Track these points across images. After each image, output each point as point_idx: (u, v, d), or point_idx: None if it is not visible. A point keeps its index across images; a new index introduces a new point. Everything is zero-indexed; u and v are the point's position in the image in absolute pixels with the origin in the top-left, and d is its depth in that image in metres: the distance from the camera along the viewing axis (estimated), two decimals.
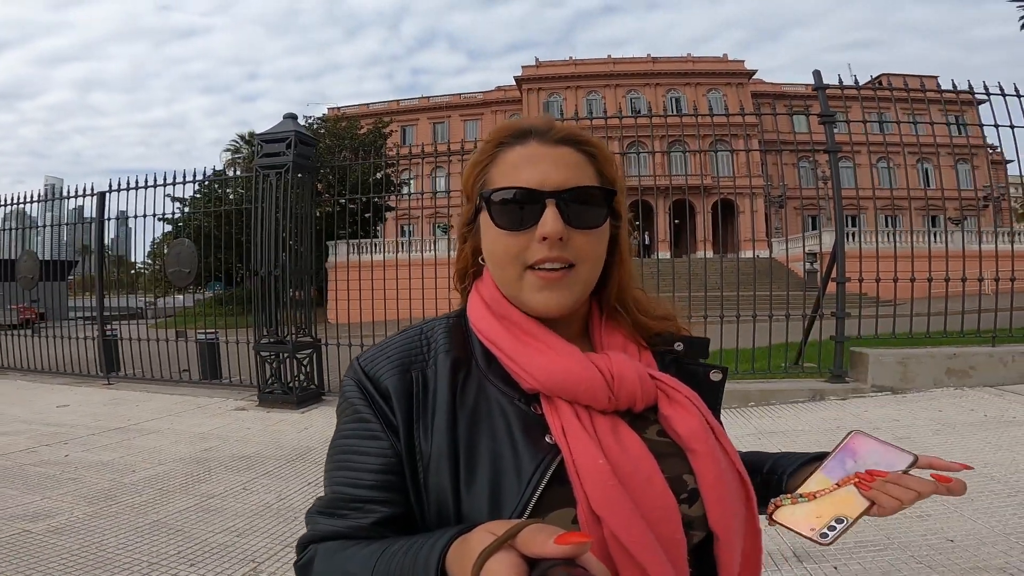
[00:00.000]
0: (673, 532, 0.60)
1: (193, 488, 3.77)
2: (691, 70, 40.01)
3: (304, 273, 6.73)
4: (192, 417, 5.86)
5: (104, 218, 8.21)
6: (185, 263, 7.61)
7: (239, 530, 3.10)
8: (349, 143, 25.22)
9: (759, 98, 39.31)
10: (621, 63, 41.03)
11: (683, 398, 0.68)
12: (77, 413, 6.08)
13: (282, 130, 6.54)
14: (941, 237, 16.38)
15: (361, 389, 0.68)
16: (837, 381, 5.55)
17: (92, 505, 3.46)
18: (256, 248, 6.53)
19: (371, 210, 18.22)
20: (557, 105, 39.80)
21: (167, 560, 2.74)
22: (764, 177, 19.84)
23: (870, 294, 6.82)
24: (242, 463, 4.32)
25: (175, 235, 12.33)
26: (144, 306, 16.89)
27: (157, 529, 3.10)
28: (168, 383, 7.63)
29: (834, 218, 5.59)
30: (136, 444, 4.86)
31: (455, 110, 43.50)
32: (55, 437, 5.06)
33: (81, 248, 11.77)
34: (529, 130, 0.70)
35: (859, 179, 19.86)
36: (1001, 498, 3.05)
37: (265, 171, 6.47)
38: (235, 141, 39.88)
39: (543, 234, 0.64)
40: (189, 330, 8.68)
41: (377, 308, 7.25)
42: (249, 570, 2.66)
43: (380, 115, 37.46)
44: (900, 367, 5.41)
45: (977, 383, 5.44)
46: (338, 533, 0.63)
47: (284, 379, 6.35)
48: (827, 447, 0.75)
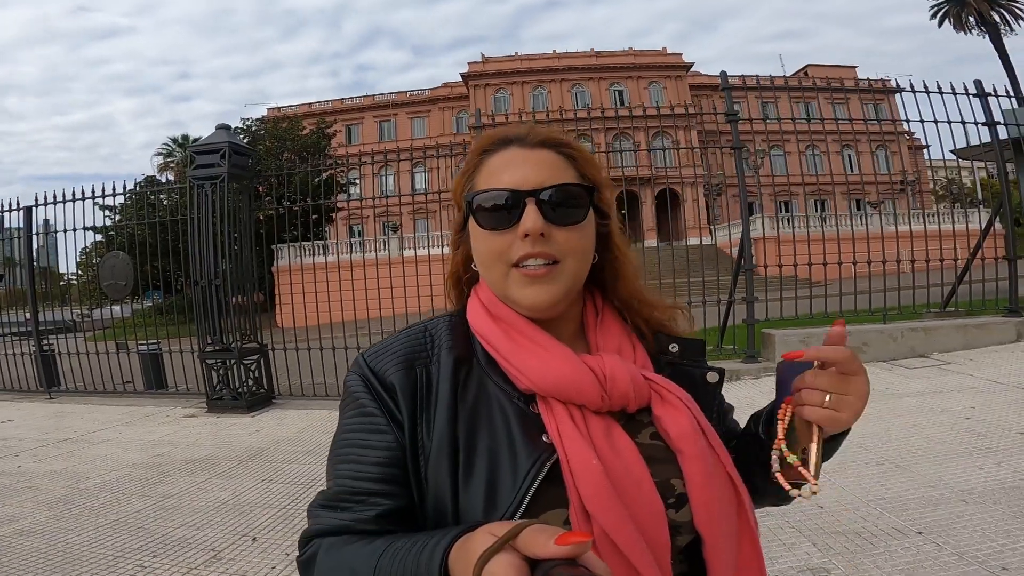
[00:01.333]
0: (659, 535, 0.61)
1: (148, 490, 3.94)
2: (632, 64, 41.15)
3: (246, 279, 6.84)
4: (141, 426, 5.93)
5: (33, 232, 8.04)
6: (120, 275, 7.56)
7: (197, 524, 3.33)
8: (291, 144, 24.80)
9: (697, 90, 40.82)
10: (566, 58, 41.77)
11: (675, 399, 0.69)
12: (23, 427, 6.05)
13: (215, 141, 6.58)
14: (847, 222, 17.60)
15: (366, 384, 0.69)
16: (751, 361, 6.14)
17: (52, 509, 3.61)
18: (195, 258, 6.58)
19: (318, 212, 18.18)
20: (504, 100, 40.21)
21: (131, 553, 2.96)
22: (702, 167, 20.74)
23: (798, 276, 7.47)
24: (195, 466, 4.49)
25: (107, 244, 11.99)
26: (77, 319, 16.24)
27: (118, 527, 3.30)
28: (112, 395, 7.58)
29: (740, 210, 6.15)
30: (87, 453, 4.94)
31: (401, 108, 43.25)
32: (5, 450, 5.09)
33: (2, 261, 11.34)
34: (510, 137, 0.74)
35: (789, 167, 21.07)
36: (869, 467, 3.40)
37: (199, 182, 6.50)
38: (167, 144, 38.49)
39: (524, 231, 0.67)
40: (130, 341, 8.58)
41: (324, 311, 7.43)
42: (209, 558, 2.92)
43: (324, 114, 36.89)
44: (802, 345, 6.03)
45: (871, 358, 6.09)
46: (342, 527, 0.64)
47: (232, 385, 6.46)
48: (741, 424, 0.77)
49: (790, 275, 6.88)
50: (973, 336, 6.18)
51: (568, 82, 40.72)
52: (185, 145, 36.69)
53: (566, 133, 0.77)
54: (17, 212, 7.98)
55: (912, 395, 4.82)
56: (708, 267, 7.09)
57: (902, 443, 3.76)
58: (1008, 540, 2.37)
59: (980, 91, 6.54)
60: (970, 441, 3.68)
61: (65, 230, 7.76)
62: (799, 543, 2.58)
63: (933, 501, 2.89)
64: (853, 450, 3.69)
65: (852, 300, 7.22)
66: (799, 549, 2.51)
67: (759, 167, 23.29)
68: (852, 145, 27.26)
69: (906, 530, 2.61)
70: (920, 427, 4.04)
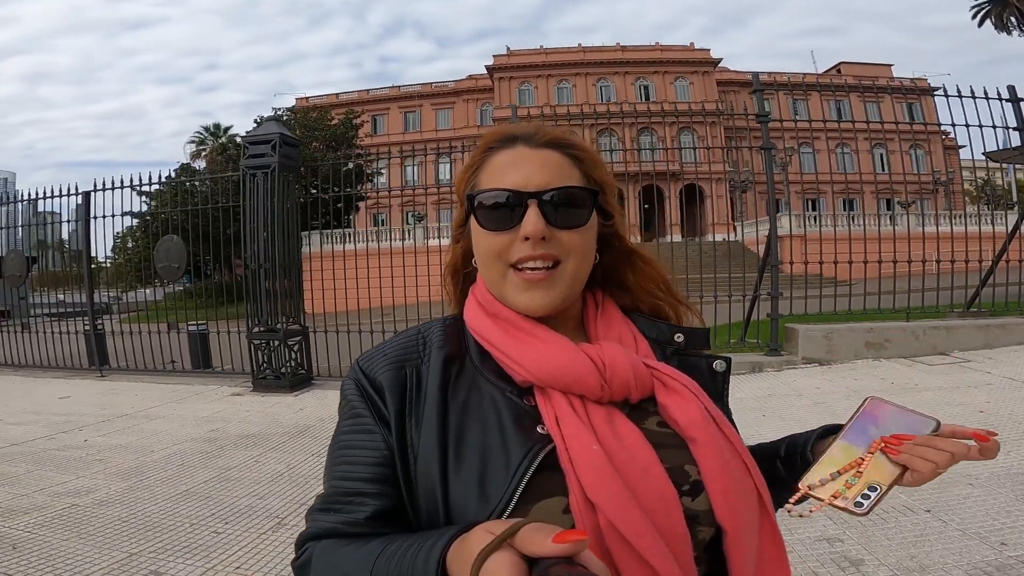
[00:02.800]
0: (674, 524, 0.58)
1: (210, 463, 4.29)
2: (659, 58, 40.79)
3: (292, 265, 7.20)
4: (192, 403, 6.33)
5: (91, 216, 8.49)
6: (175, 258, 7.98)
7: (260, 494, 3.65)
8: (320, 134, 25.30)
9: (724, 86, 40.38)
10: (591, 52, 41.59)
11: (680, 386, 0.67)
12: (80, 403, 6.48)
13: (267, 132, 6.99)
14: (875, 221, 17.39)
15: (358, 387, 0.70)
16: (773, 354, 6.31)
17: (125, 480, 3.96)
18: (246, 243, 6.97)
19: (343, 201, 18.60)
20: (529, 94, 40.26)
21: (205, 520, 3.27)
22: (726, 164, 20.64)
23: (823, 275, 7.58)
24: (248, 441, 4.84)
25: (144, 230, 12.47)
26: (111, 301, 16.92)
27: (189, 497, 3.63)
28: (160, 373, 8.03)
29: (768, 209, 6.29)
30: (146, 428, 5.33)
31: (426, 99, 43.52)
32: (68, 425, 5.49)
33: (37, 244, 11.93)
34: (516, 135, 0.73)
35: (819, 165, 20.88)
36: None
37: (252, 171, 6.89)
38: (199, 133, 39.43)
39: (525, 233, 0.67)
40: (180, 322, 9.05)
41: (351, 297, 7.76)
42: (275, 524, 3.22)
43: (350, 105, 37.35)
44: (826, 340, 6.21)
45: (893, 355, 6.25)
46: (334, 530, 0.65)
47: (275, 365, 6.84)
48: (761, 413, 0.90)
49: (815, 273, 7.00)
50: (994, 336, 6.28)
51: (593, 76, 40.59)
52: (217, 134, 37.62)
53: (573, 133, 0.77)
54: (76, 196, 8.45)
55: (931, 389, 4.99)
56: (732, 263, 7.22)
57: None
58: (1009, 519, 2.59)
59: (1013, 96, 6.59)
60: None
61: (112, 215, 8.27)
62: (816, 516, 2.79)
63: (942, 483, 3.06)
64: None
65: (876, 299, 7.33)
66: (816, 522, 2.74)
67: (787, 164, 23.10)
68: (883, 144, 26.87)
69: (915, 508, 2.83)
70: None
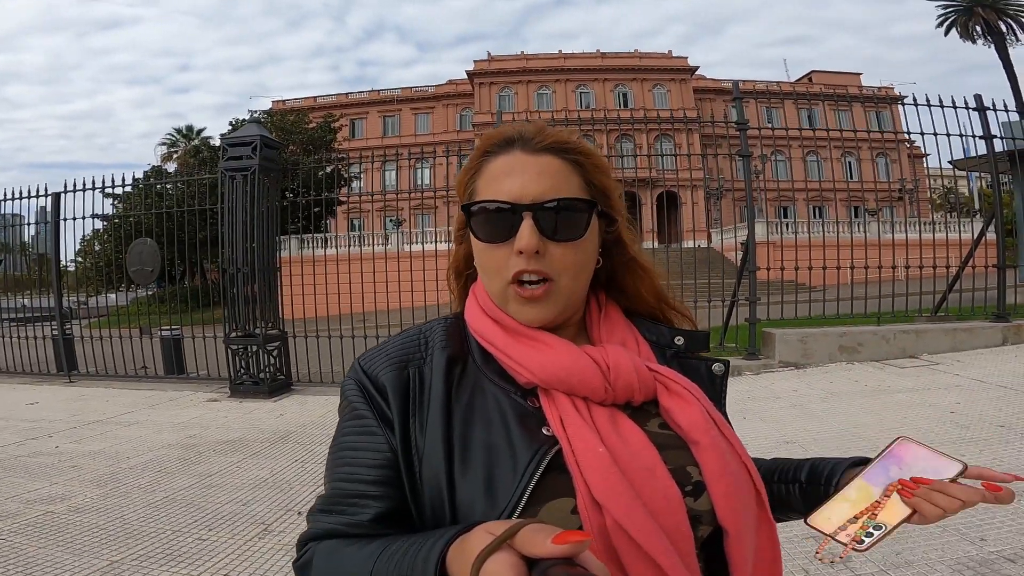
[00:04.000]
0: (679, 524, 0.59)
1: (189, 469, 4.20)
2: (638, 66, 41.48)
3: (271, 269, 7.09)
4: (167, 409, 6.18)
5: (60, 218, 8.26)
6: (148, 261, 7.81)
7: (243, 500, 3.58)
8: (298, 138, 25.01)
9: (700, 93, 41.19)
10: (571, 58, 42.09)
11: (682, 389, 0.68)
12: (49, 409, 6.28)
13: (247, 134, 6.88)
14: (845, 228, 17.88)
15: (360, 388, 0.69)
16: (751, 358, 6.44)
17: (100, 487, 3.85)
18: (223, 246, 6.85)
19: (322, 205, 18.46)
20: (509, 99, 40.53)
21: (187, 527, 3.19)
22: (703, 171, 21.02)
23: (798, 281, 7.74)
24: (228, 447, 4.74)
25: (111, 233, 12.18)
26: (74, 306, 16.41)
27: (169, 504, 3.54)
28: (131, 379, 7.82)
29: (746, 216, 6.44)
30: (120, 434, 5.18)
31: (406, 103, 43.49)
32: (38, 431, 5.32)
33: (14, 247, 11.57)
34: (514, 138, 0.71)
35: (792, 172, 21.40)
36: (863, 452, 3.78)
37: (231, 173, 6.77)
38: (171, 135, 38.61)
39: (519, 248, 0.66)
40: (146, 327, 8.83)
41: (327, 303, 7.69)
42: (261, 530, 3.17)
43: (328, 109, 37.08)
44: (801, 344, 6.36)
45: (865, 358, 6.42)
46: (336, 531, 0.64)
47: (253, 371, 6.72)
48: (742, 416, 0.91)
49: (789, 279, 7.17)
50: (961, 339, 6.51)
51: (573, 82, 41.09)
52: (190, 136, 36.85)
53: (575, 134, 0.75)
54: (46, 198, 8.20)
55: (903, 391, 5.16)
56: (707, 269, 7.37)
57: (893, 432, 3.99)
58: (987, 516, 2.66)
59: (980, 105, 6.85)
60: (954, 432, 4.01)
61: (83, 217, 8.05)
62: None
63: None
64: (849, 438, 4.05)
65: (848, 304, 7.54)
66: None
67: (760, 173, 23.62)
68: (853, 152, 27.65)
69: None
70: (910, 420, 4.38)
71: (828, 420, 4.51)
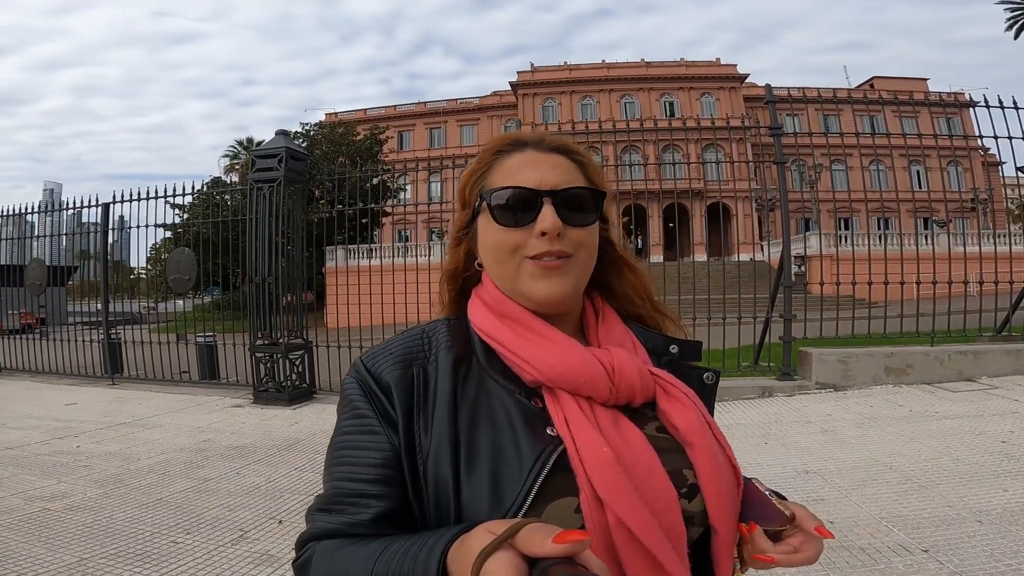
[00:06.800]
0: (675, 523, 0.61)
1: (192, 473, 4.24)
2: (684, 74, 40.54)
3: (296, 279, 7.21)
4: (192, 413, 6.33)
5: (108, 227, 8.70)
6: (185, 270, 8.09)
7: (231, 506, 3.56)
8: (346, 149, 25.76)
9: (752, 101, 39.82)
10: (615, 68, 41.60)
11: (680, 393, 0.70)
12: (85, 410, 6.56)
13: (274, 147, 7.04)
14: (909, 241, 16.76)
15: (362, 386, 0.69)
16: (786, 379, 6.00)
17: (102, 487, 3.93)
18: (251, 256, 7.02)
19: (368, 216, 18.74)
20: (552, 110, 40.37)
21: (167, 530, 3.20)
22: (755, 181, 20.27)
23: (856, 296, 7.21)
24: (236, 452, 4.78)
25: (175, 241, 12.84)
26: (143, 311, 17.41)
27: (159, 506, 3.57)
28: (169, 383, 8.12)
29: (781, 226, 6.03)
30: (140, 436, 5.33)
31: (452, 115, 44.04)
32: (66, 431, 5.53)
33: (79, 254, 12.29)
34: (525, 140, 0.76)
35: (852, 182, 20.34)
36: (891, 485, 3.37)
37: (259, 184, 6.96)
38: (233, 147, 40.54)
39: (542, 229, 0.69)
40: (188, 334, 9.16)
41: (375, 312, 7.70)
42: (237, 537, 3.13)
43: (377, 120, 38.09)
44: (841, 365, 5.88)
45: (914, 380, 5.89)
46: (336, 531, 0.64)
47: (277, 378, 6.82)
48: (763, 440, 0.84)
49: (847, 294, 6.66)
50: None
51: (617, 92, 40.51)
52: (249, 148, 38.65)
53: (575, 142, 0.80)
54: (96, 208, 8.67)
55: (951, 417, 4.68)
56: (757, 283, 6.89)
57: (930, 463, 3.69)
58: (1015, 561, 2.31)
59: None
60: (1000, 464, 3.58)
61: (138, 226, 8.42)
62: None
63: (947, 521, 2.84)
64: (878, 468, 3.67)
65: (898, 322, 6.94)
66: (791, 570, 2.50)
67: (816, 182, 22.53)
68: (920, 160, 26.00)
69: (912, 548, 2.58)
70: (952, 449, 3.95)
71: (858, 448, 4.10)
